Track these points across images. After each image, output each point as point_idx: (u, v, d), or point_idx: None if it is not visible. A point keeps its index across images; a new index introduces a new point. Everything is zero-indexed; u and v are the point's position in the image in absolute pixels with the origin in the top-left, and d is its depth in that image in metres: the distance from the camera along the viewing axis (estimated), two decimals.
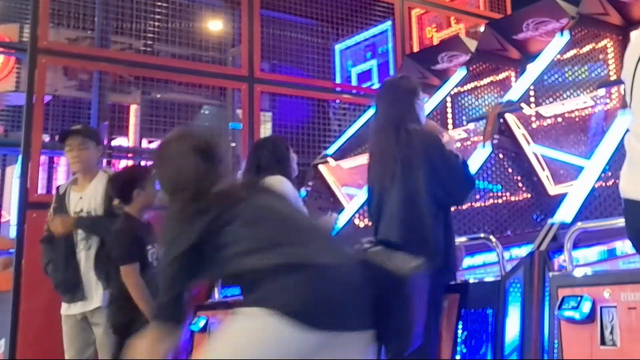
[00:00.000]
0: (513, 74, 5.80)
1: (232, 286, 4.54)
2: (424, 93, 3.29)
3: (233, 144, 6.64)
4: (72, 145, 3.80)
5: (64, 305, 3.72)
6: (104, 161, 6.21)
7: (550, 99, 4.90)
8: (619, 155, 3.52)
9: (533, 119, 4.63)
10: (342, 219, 5.09)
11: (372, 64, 7.26)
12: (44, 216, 4.69)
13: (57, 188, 3.91)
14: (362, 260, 2.09)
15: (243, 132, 6.15)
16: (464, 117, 5.94)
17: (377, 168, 3.14)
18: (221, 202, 2.06)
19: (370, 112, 6.36)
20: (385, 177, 3.05)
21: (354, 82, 7.39)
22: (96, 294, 3.65)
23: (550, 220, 3.29)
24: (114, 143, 7.14)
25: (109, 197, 3.71)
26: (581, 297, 2.75)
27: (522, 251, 3.42)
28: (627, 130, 2.10)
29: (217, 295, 4.71)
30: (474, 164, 4.36)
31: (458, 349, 3.14)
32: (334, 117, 7.00)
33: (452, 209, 3.31)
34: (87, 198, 3.76)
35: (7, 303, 4.58)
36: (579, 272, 2.93)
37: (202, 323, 4.37)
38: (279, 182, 3.54)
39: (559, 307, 2.79)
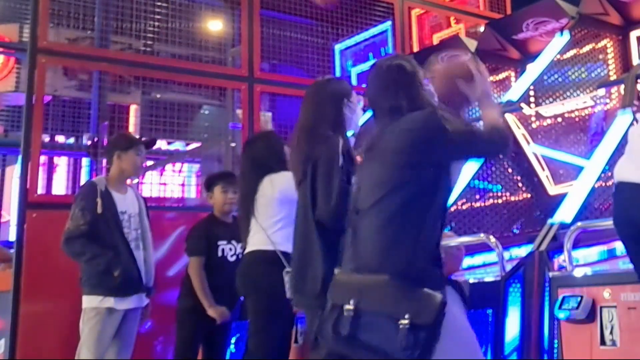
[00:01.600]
0: (513, 74, 5.80)
1: None
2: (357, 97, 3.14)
3: (233, 144, 6.64)
4: (144, 153, 4.04)
5: (112, 300, 3.71)
6: (104, 161, 6.23)
7: (550, 99, 4.90)
8: (618, 155, 3.52)
9: (533, 119, 4.64)
10: None
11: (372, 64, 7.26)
12: (44, 216, 4.71)
13: (91, 182, 3.91)
14: None
15: (243, 132, 6.14)
16: None
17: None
18: None
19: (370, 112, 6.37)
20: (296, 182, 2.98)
21: (353, 82, 7.39)
22: (141, 295, 3.86)
23: (550, 220, 3.29)
24: None
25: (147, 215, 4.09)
26: (581, 297, 2.75)
27: (522, 251, 3.42)
28: (637, 122, 2.13)
29: None
30: (474, 164, 4.35)
31: None
32: None
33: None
34: (129, 202, 3.95)
35: (7, 303, 4.57)
36: (578, 272, 2.93)
37: None
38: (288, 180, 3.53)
39: (559, 307, 2.80)
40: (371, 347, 1.96)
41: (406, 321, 1.91)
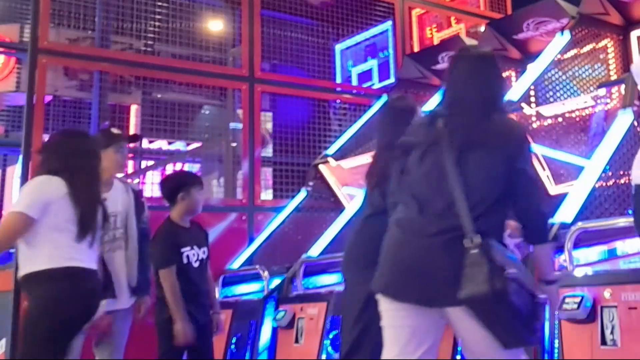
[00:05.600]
0: (513, 73, 5.80)
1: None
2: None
3: (234, 144, 6.64)
4: (124, 149, 3.89)
5: None
6: None
7: (551, 99, 4.90)
8: (619, 155, 3.52)
9: (533, 118, 4.63)
10: (342, 220, 5.09)
11: (373, 63, 7.26)
12: None
13: None
14: None
15: (243, 132, 6.15)
16: None
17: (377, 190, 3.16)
18: None
19: (371, 112, 6.38)
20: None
21: (354, 82, 7.39)
22: (124, 296, 3.69)
23: (550, 220, 3.29)
24: None
25: (140, 209, 3.87)
26: (582, 297, 2.75)
27: None
28: (632, 124, 2.12)
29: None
30: None
31: (458, 348, 3.14)
32: (335, 117, 7.00)
33: None
34: (112, 201, 3.76)
35: (7, 303, 4.57)
36: (579, 272, 2.93)
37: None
38: None
39: (560, 307, 2.79)
40: (514, 309, 2.20)
41: (538, 299, 2.26)
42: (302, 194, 5.82)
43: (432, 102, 5.88)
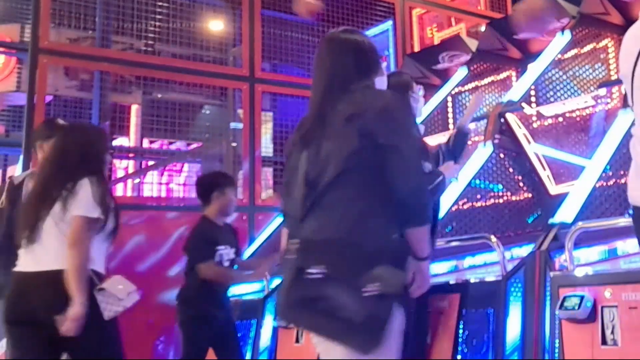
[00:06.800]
0: (514, 73, 5.80)
1: None
2: (418, 86, 3.28)
3: (234, 144, 6.64)
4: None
5: None
6: None
7: (551, 99, 4.90)
8: (619, 155, 3.52)
9: (534, 118, 4.64)
10: None
11: None
12: None
13: (10, 178, 3.62)
14: None
15: (244, 132, 6.15)
16: None
17: None
18: None
19: None
20: None
21: None
22: None
23: (551, 220, 3.29)
24: (115, 143, 7.16)
25: None
26: (582, 296, 2.74)
27: (522, 251, 3.42)
28: (632, 136, 2.04)
29: None
30: (475, 163, 4.36)
31: (459, 348, 3.14)
32: None
33: None
34: None
35: None
36: (580, 272, 2.93)
37: None
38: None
39: (560, 307, 2.80)
40: (330, 313, 1.91)
41: (373, 290, 1.91)
42: None
43: (433, 102, 5.89)
